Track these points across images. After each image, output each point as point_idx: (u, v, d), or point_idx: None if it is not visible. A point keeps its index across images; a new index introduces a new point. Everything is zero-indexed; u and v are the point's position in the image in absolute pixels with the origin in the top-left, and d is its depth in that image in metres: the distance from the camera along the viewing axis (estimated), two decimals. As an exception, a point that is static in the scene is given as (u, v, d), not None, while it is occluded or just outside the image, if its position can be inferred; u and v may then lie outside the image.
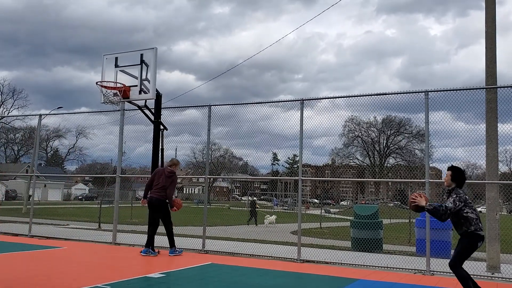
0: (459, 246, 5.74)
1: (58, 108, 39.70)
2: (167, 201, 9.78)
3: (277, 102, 11.61)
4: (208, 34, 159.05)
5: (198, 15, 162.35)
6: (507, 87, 8.68)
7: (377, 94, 9.66)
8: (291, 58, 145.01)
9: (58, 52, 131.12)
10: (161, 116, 10.70)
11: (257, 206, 25.36)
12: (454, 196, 5.75)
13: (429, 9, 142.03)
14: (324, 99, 10.38)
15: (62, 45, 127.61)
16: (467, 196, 5.81)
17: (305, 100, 9.98)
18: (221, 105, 11.20)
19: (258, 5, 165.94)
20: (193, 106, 11.67)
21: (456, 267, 5.65)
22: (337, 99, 10.14)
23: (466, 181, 6.04)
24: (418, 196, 5.86)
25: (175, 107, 12.17)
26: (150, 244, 9.77)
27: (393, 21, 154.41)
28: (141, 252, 9.74)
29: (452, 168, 5.97)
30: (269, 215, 23.72)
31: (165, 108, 11.40)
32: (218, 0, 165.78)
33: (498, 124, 9.05)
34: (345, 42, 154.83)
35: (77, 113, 15.14)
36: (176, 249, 9.82)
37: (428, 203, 5.75)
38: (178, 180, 10.16)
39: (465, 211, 5.71)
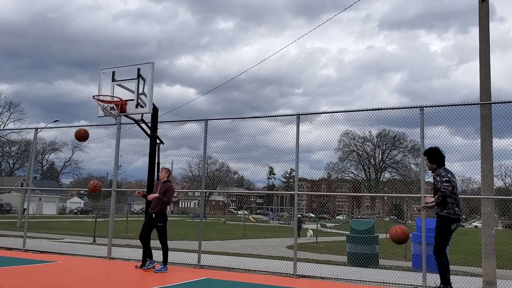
0: (435, 232, 5.93)
1: (54, 121, 39.59)
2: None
3: (273, 116, 11.64)
4: (211, 49, 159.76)
5: (201, 30, 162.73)
6: (500, 102, 8.76)
7: (372, 109, 9.72)
8: (292, 73, 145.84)
9: (60, 65, 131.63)
10: (158, 130, 10.71)
11: (304, 221, 28.19)
12: (438, 178, 5.87)
13: (431, 25, 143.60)
14: (321, 114, 10.45)
15: (63, 58, 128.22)
16: (449, 175, 5.91)
17: (301, 114, 10.04)
18: (218, 119, 11.23)
19: (262, 20, 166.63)
20: (189, 120, 11.70)
21: (437, 252, 5.76)
22: (334, 113, 10.21)
23: (461, 196, 6.11)
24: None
25: (172, 121, 12.20)
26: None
27: (394, 36, 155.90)
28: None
29: (426, 152, 6.12)
30: (310, 230, 26.86)
31: (163, 122, 11.41)
32: (222, 15, 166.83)
33: (494, 139, 9.10)
34: (346, 57, 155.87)
35: (73, 126, 15.08)
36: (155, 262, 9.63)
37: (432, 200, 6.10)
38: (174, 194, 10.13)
39: None
